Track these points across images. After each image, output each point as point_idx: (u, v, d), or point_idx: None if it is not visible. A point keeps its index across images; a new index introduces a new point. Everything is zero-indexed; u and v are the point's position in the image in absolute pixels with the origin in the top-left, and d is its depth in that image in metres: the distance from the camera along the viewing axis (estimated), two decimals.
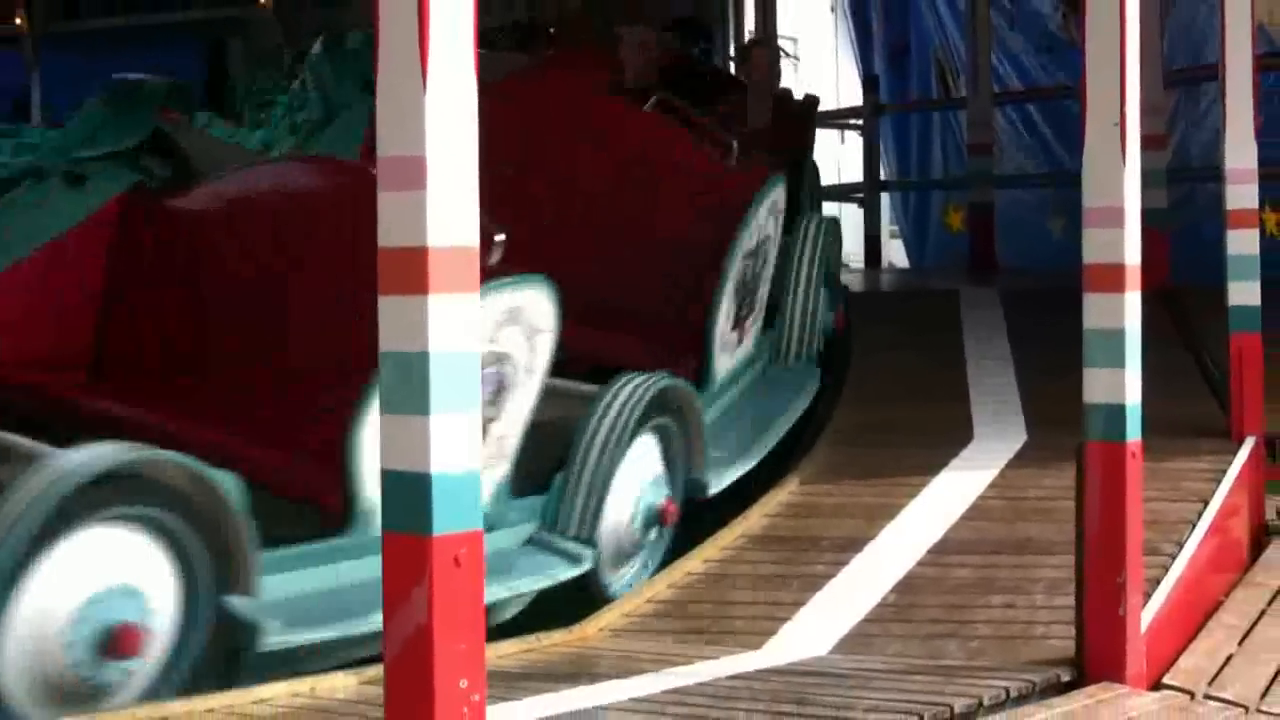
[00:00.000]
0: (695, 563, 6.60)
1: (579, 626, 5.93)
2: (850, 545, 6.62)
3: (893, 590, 6.17)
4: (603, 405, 6.44)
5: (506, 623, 5.94)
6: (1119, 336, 5.32)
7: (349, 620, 5.21)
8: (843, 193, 15.80)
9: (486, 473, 5.17)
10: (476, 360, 3.60)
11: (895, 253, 16.47)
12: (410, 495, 3.52)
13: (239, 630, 5.01)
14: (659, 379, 6.65)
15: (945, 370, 9.32)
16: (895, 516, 6.93)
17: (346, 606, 5.28)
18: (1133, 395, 5.34)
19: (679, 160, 8.31)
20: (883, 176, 15.47)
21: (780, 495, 7.34)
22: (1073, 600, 5.43)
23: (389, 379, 3.56)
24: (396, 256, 3.53)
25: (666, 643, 5.79)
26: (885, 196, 15.67)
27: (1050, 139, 14.61)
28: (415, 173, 3.49)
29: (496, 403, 5.76)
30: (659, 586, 6.33)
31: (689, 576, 6.47)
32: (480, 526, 3.59)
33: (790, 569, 6.47)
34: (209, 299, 6.36)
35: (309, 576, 5.38)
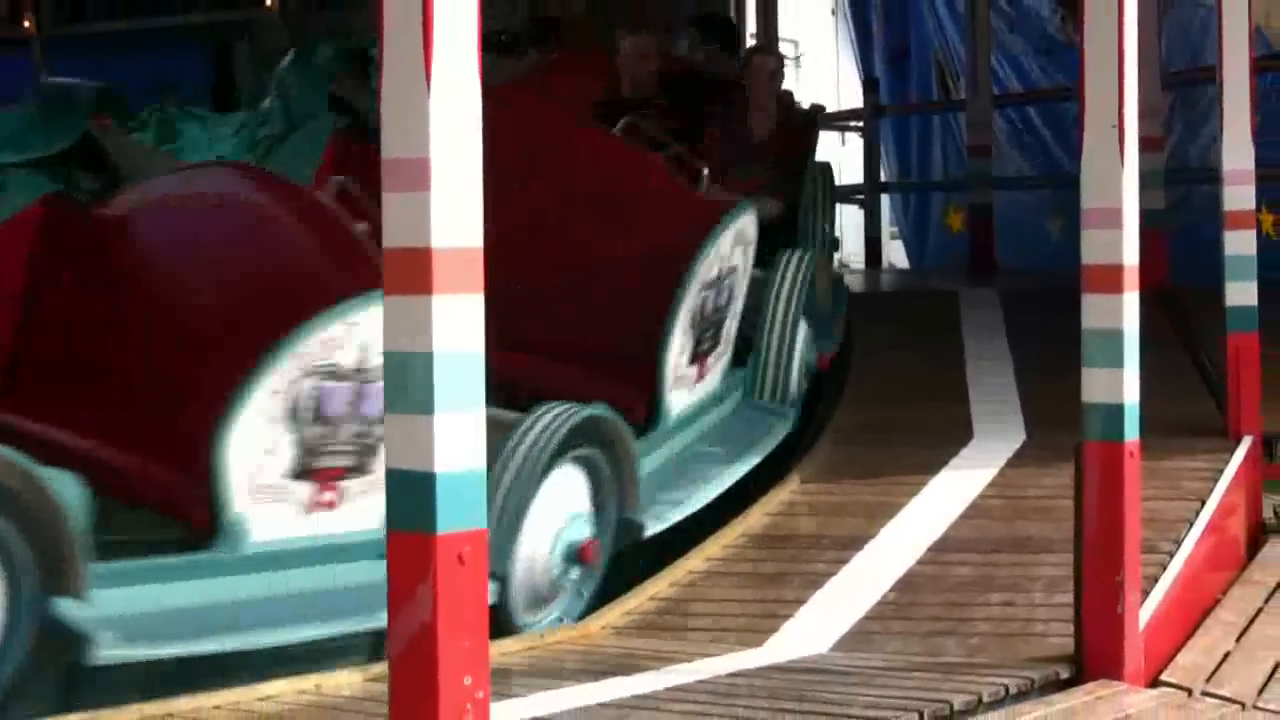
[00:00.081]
0: (697, 561, 6.60)
1: (582, 624, 5.93)
2: (851, 544, 6.62)
3: (893, 588, 6.17)
4: (519, 432, 6.00)
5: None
6: (1117, 337, 5.32)
7: (202, 638, 5.08)
8: (843, 194, 15.78)
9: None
10: (480, 360, 3.60)
11: (895, 253, 16.46)
12: (414, 494, 3.52)
13: (69, 640, 4.77)
14: (583, 409, 6.20)
15: (945, 370, 9.31)
16: (895, 515, 6.93)
17: (204, 624, 5.14)
18: (1131, 395, 5.34)
19: (642, 187, 7.84)
20: (883, 178, 15.47)
21: (781, 494, 7.35)
22: (1071, 598, 5.43)
23: (393, 379, 3.56)
24: (401, 257, 3.53)
25: (668, 640, 5.80)
26: (885, 198, 15.67)
27: (1049, 141, 14.59)
28: (419, 174, 3.49)
29: None
30: (661, 584, 6.33)
31: (691, 574, 6.47)
32: (484, 525, 3.59)
33: (791, 567, 6.47)
34: (116, 306, 6.08)
35: (162, 591, 5.15)
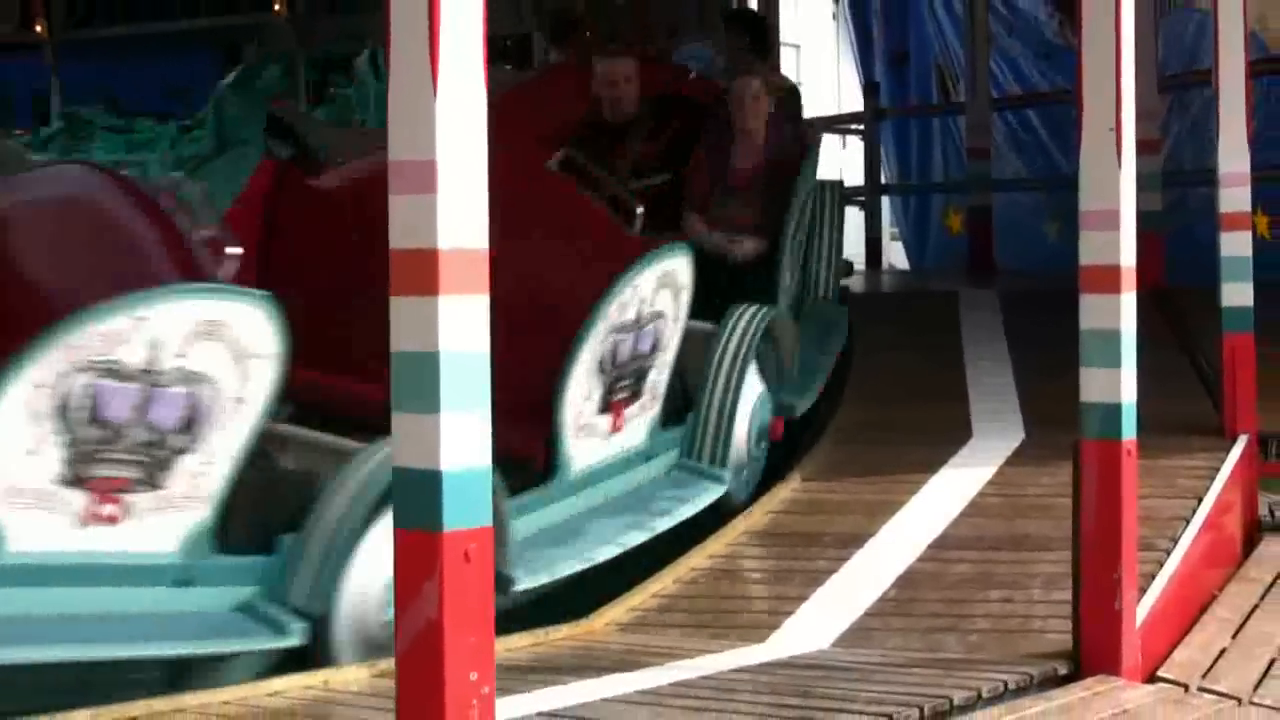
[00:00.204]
0: (700, 558, 6.60)
1: (586, 621, 5.93)
2: (852, 541, 6.62)
3: (893, 585, 6.17)
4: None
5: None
6: (1115, 337, 5.32)
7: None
8: (845, 196, 15.77)
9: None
10: (485, 360, 3.59)
11: (896, 255, 16.47)
12: (421, 492, 3.51)
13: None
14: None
15: (945, 370, 9.31)
16: (896, 513, 6.93)
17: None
18: (1128, 394, 5.34)
19: (563, 225, 7.17)
20: (884, 180, 15.47)
21: (783, 492, 7.35)
22: (1070, 595, 5.43)
23: (400, 378, 3.56)
24: (407, 258, 3.53)
25: (671, 637, 5.79)
26: (886, 200, 15.68)
27: (1047, 143, 14.60)
28: (426, 177, 3.49)
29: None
30: (664, 582, 6.33)
31: (694, 572, 6.47)
32: (489, 523, 3.59)
33: (793, 564, 6.47)
34: None
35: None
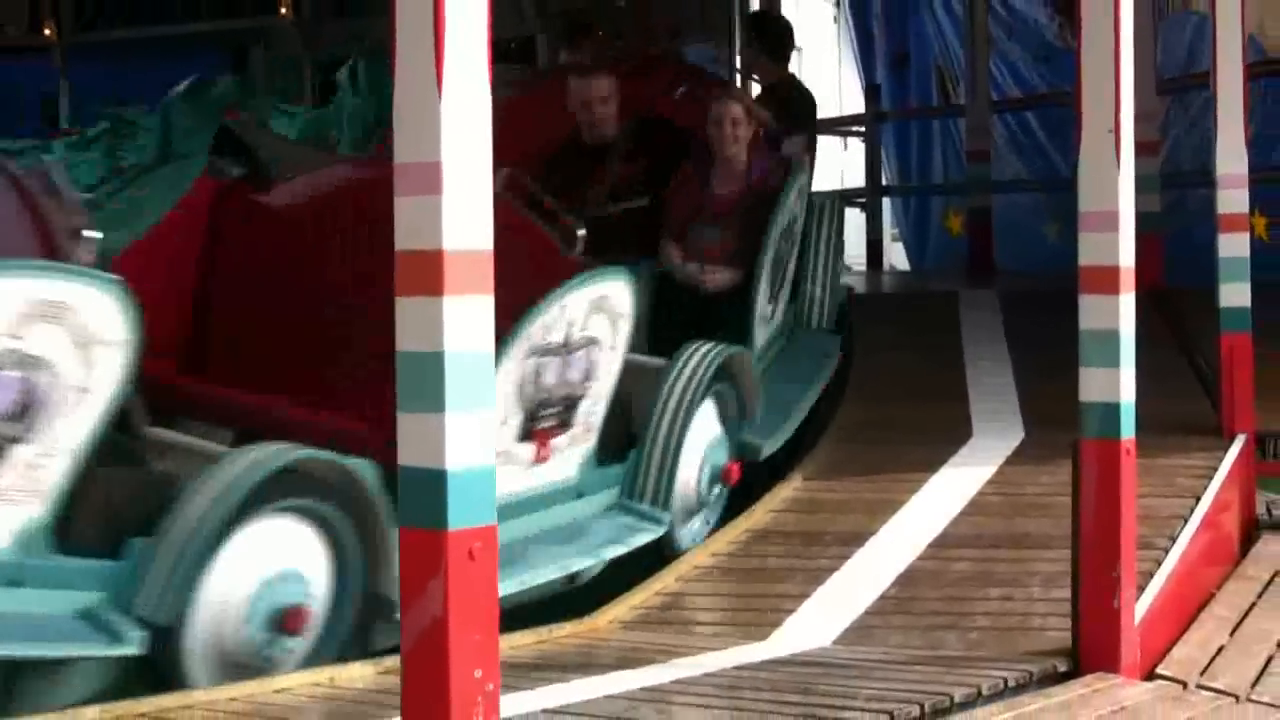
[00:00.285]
0: (702, 557, 6.60)
1: (589, 619, 5.93)
2: (853, 540, 6.62)
3: (894, 583, 6.17)
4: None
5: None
6: (1114, 337, 5.32)
7: None
8: (846, 197, 15.78)
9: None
10: (490, 360, 3.60)
11: (896, 256, 16.46)
12: (426, 491, 3.52)
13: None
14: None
15: (945, 370, 9.31)
16: (896, 512, 6.93)
17: None
18: (1127, 394, 5.34)
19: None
20: (884, 182, 15.46)
21: (785, 491, 7.34)
22: (1069, 593, 5.43)
23: (405, 378, 3.56)
24: (412, 259, 3.53)
25: (674, 634, 5.79)
26: (887, 201, 15.67)
27: (1047, 145, 14.59)
28: (431, 178, 3.49)
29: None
30: (667, 580, 6.33)
31: (696, 570, 6.47)
32: (494, 521, 3.59)
33: (794, 563, 6.47)
34: None
35: None
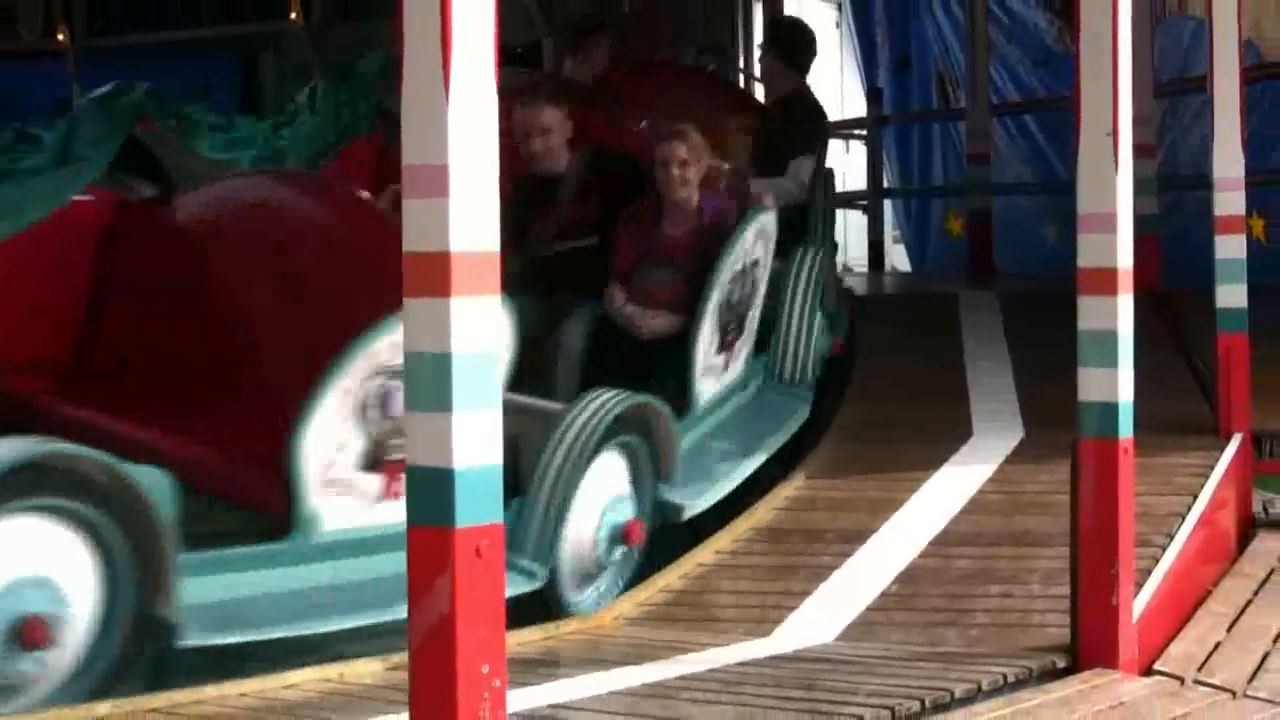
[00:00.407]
0: (706, 554, 6.59)
1: (595, 615, 5.93)
2: (854, 537, 6.61)
3: (895, 580, 6.16)
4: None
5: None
6: (1112, 337, 5.31)
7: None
8: (848, 200, 15.79)
9: None
10: (495, 360, 3.59)
11: (898, 257, 16.46)
12: (433, 489, 3.51)
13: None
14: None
15: (945, 370, 9.30)
16: (897, 510, 6.92)
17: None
18: (1125, 394, 5.33)
19: (358, 261, 6.12)
20: (886, 184, 15.46)
21: (787, 490, 7.34)
22: (1068, 590, 5.42)
23: (413, 378, 3.55)
24: (420, 261, 3.52)
25: (678, 630, 5.79)
26: (888, 203, 15.67)
27: (1046, 148, 14.58)
28: (438, 181, 3.48)
29: None
30: (671, 577, 6.32)
31: (700, 567, 6.46)
32: (501, 519, 3.59)
33: (797, 560, 6.47)
34: None
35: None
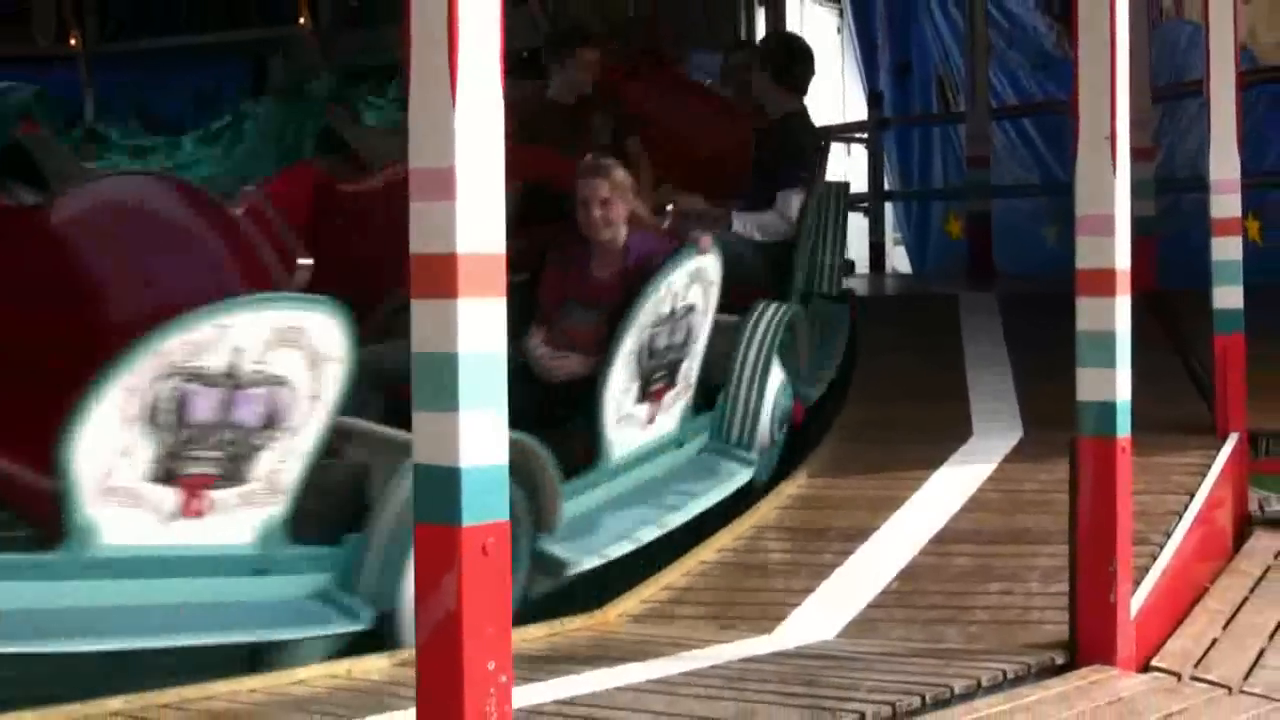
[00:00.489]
0: (709, 552, 6.60)
1: (600, 612, 5.93)
2: (856, 535, 6.62)
3: (896, 578, 6.16)
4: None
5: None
6: (1110, 338, 5.31)
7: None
8: (849, 202, 15.77)
9: None
10: (502, 360, 3.60)
11: (898, 259, 16.46)
12: (440, 488, 3.51)
13: None
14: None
15: (945, 370, 9.31)
16: (898, 508, 6.93)
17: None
18: (1123, 393, 5.33)
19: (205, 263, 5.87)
20: (887, 187, 15.47)
21: (790, 488, 7.35)
22: (1066, 587, 5.42)
23: (420, 378, 3.56)
24: (427, 262, 3.53)
25: (682, 627, 5.79)
26: (889, 206, 15.67)
27: (1044, 151, 14.59)
28: (445, 183, 3.49)
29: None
30: (674, 574, 6.33)
31: (703, 565, 6.47)
32: (506, 517, 3.59)
33: (799, 558, 6.47)
34: None
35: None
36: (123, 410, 4.87)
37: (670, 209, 7.98)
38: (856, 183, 15.79)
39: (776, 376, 7.71)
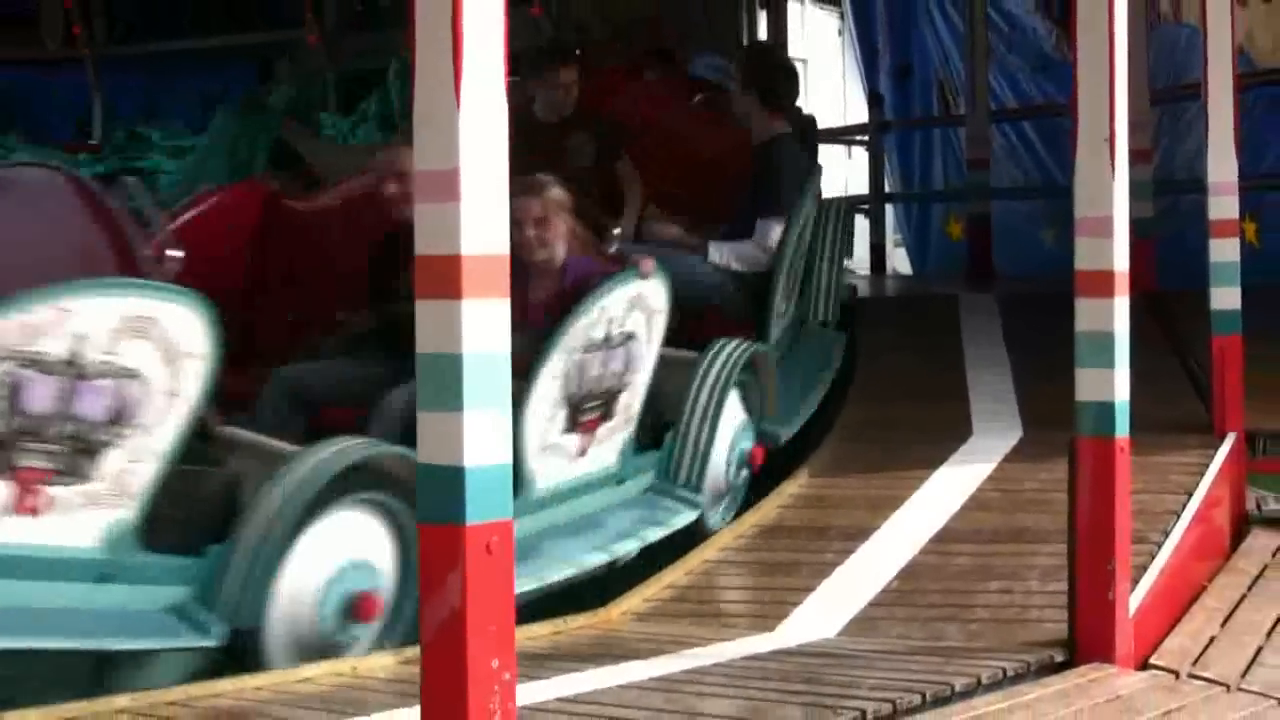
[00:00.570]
0: (711, 551, 6.60)
1: (603, 610, 5.93)
2: (857, 534, 6.62)
3: (896, 577, 6.16)
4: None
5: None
6: (1108, 338, 5.31)
7: None
8: (850, 204, 15.77)
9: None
10: (506, 360, 3.60)
11: (899, 260, 16.45)
12: (445, 487, 3.51)
13: None
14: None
15: (945, 371, 9.30)
16: (899, 507, 6.92)
17: None
18: (1122, 393, 5.33)
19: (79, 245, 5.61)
20: (887, 189, 15.46)
21: (791, 487, 7.34)
22: (1065, 586, 5.42)
23: (425, 378, 3.56)
24: (432, 263, 3.53)
25: (685, 626, 5.79)
26: (889, 207, 15.66)
27: (1043, 153, 14.57)
28: (450, 185, 3.49)
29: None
30: (677, 573, 6.33)
31: (706, 564, 6.47)
32: (510, 516, 3.59)
33: (800, 557, 6.47)
34: None
35: None
36: None
37: (617, 233, 7.63)
38: (857, 185, 15.82)
39: (734, 416, 7.27)
